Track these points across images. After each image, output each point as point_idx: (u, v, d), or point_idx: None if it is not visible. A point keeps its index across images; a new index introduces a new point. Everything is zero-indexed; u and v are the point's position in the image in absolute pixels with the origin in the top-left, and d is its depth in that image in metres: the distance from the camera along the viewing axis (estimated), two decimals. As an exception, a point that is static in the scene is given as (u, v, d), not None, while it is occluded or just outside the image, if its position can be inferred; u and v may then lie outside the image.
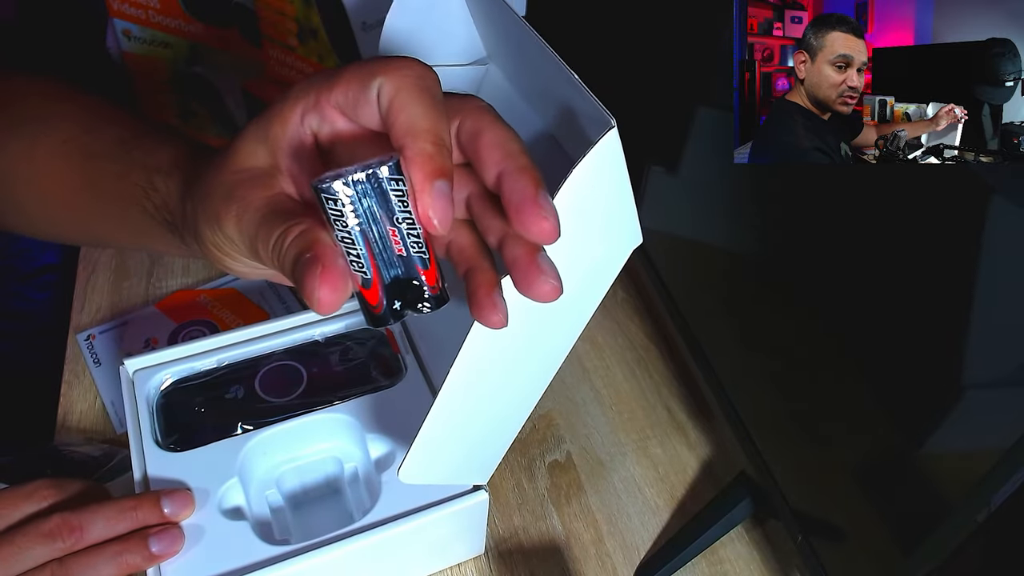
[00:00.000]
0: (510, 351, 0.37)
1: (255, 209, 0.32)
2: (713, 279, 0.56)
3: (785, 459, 0.49)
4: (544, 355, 0.40)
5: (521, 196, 0.29)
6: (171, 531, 0.43)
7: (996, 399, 0.34)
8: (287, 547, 0.43)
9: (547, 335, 0.38)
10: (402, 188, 0.28)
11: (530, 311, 0.35)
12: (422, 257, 0.30)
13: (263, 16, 0.65)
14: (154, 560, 0.43)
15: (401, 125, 0.30)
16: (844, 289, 0.42)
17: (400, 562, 0.48)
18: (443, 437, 0.40)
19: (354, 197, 0.28)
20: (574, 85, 0.32)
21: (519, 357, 0.38)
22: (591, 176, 0.31)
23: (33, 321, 0.76)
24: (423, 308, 0.30)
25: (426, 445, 0.39)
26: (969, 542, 0.35)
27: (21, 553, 0.40)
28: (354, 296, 0.30)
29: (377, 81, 0.30)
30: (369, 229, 0.28)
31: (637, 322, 0.69)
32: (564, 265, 0.33)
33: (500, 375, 0.38)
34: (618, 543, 0.54)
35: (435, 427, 0.38)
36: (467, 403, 0.39)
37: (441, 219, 0.29)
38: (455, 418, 0.39)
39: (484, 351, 0.35)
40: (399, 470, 0.40)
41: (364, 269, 0.29)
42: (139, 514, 0.43)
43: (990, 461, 0.32)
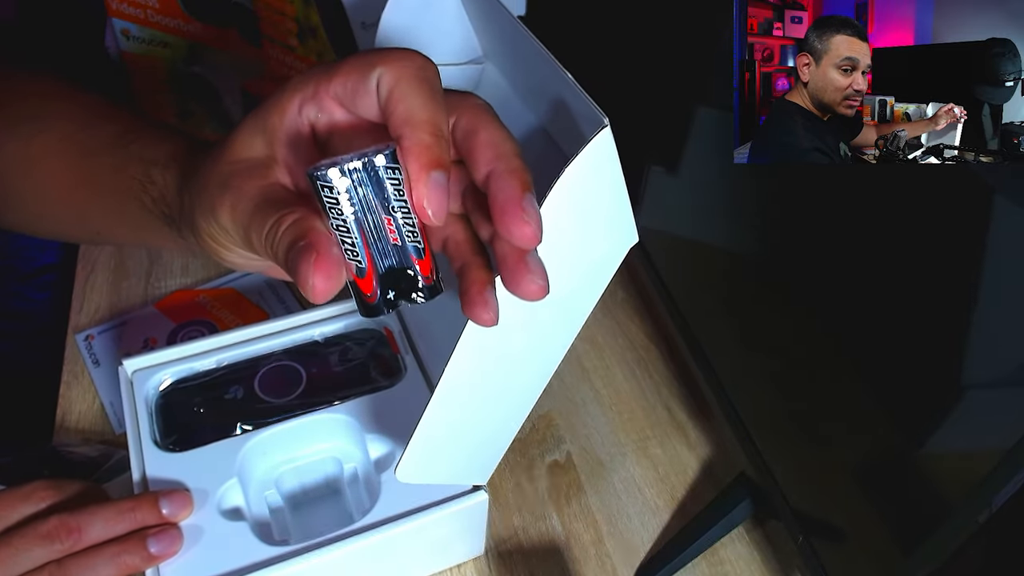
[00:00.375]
0: (506, 351, 0.37)
1: (249, 199, 0.32)
2: (713, 279, 0.56)
3: (785, 459, 0.48)
4: (541, 355, 0.40)
5: (506, 198, 0.29)
6: (169, 532, 0.43)
7: (996, 399, 0.34)
8: (286, 548, 0.43)
9: (544, 335, 0.38)
10: (398, 177, 0.28)
11: (526, 310, 0.35)
12: (417, 247, 0.30)
13: (263, 16, 0.65)
14: (153, 561, 0.42)
15: (400, 115, 0.30)
16: (844, 289, 0.42)
17: (400, 562, 0.48)
18: (439, 437, 0.40)
19: (350, 186, 0.28)
20: (568, 84, 0.32)
21: (515, 357, 0.38)
22: (584, 175, 0.31)
23: (32, 321, 0.76)
24: (417, 298, 0.30)
25: (423, 444, 0.39)
26: (970, 543, 0.35)
27: (19, 555, 0.40)
28: (348, 285, 0.30)
29: (377, 71, 0.30)
30: (364, 218, 0.28)
31: (637, 322, 0.69)
32: (559, 264, 0.33)
33: (496, 375, 0.38)
34: (618, 543, 0.54)
35: (431, 426, 0.38)
36: (463, 403, 0.39)
37: (436, 209, 0.29)
38: (451, 417, 0.39)
39: (479, 350, 0.35)
40: (396, 469, 0.40)
41: (359, 258, 0.29)
42: (138, 515, 0.43)
43: (991, 461, 0.32)
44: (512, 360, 0.38)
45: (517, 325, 0.36)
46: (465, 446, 0.43)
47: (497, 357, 0.37)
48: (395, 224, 0.29)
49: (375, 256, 0.29)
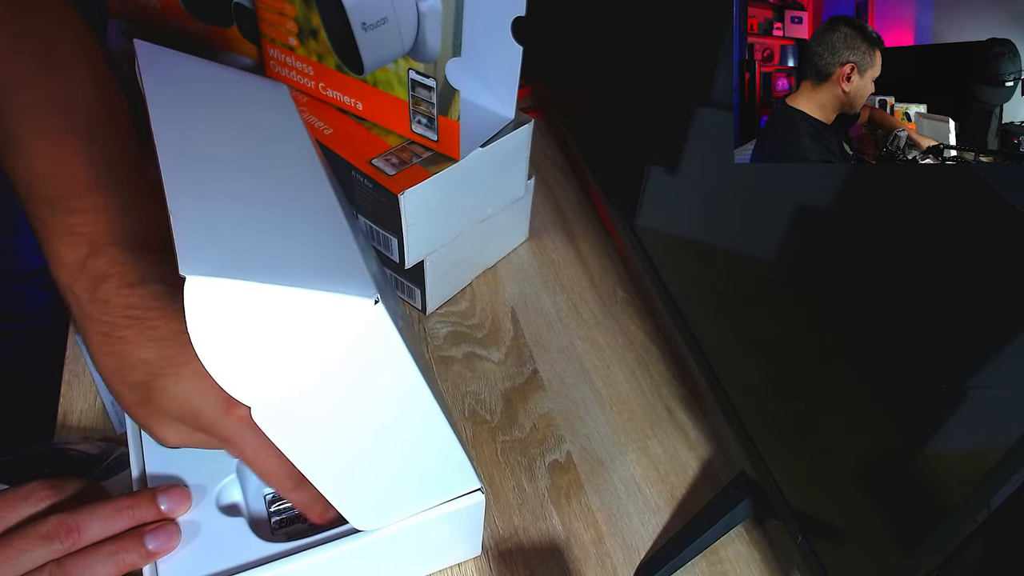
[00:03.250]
0: (346, 434, 0.38)
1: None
2: (713, 279, 0.56)
3: (785, 459, 0.49)
4: (404, 426, 0.40)
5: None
6: (167, 528, 0.43)
7: (996, 399, 0.34)
8: (284, 545, 0.43)
9: (385, 426, 0.39)
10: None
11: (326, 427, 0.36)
12: None
13: (263, 16, 0.65)
14: (151, 557, 0.43)
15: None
16: (844, 289, 0.42)
17: (397, 561, 0.48)
18: (354, 487, 0.41)
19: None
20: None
21: (366, 434, 0.39)
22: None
23: (33, 321, 0.76)
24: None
25: (344, 499, 0.41)
26: (969, 542, 0.35)
27: (20, 556, 0.40)
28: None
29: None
30: None
31: (637, 322, 0.69)
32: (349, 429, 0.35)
33: (353, 442, 0.39)
34: (618, 543, 0.54)
35: (333, 486, 0.40)
36: (344, 462, 0.39)
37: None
38: (348, 474, 0.39)
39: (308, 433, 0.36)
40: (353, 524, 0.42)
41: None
42: (136, 512, 0.43)
43: (990, 461, 0.32)
44: (363, 435, 0.38)
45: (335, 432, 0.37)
46: (392, 484, 0.43)
47: (340, 437, 0.38)
48: None
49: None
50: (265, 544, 0.44)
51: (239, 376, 0.32)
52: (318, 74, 0.65)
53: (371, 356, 0.33)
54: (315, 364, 0.32)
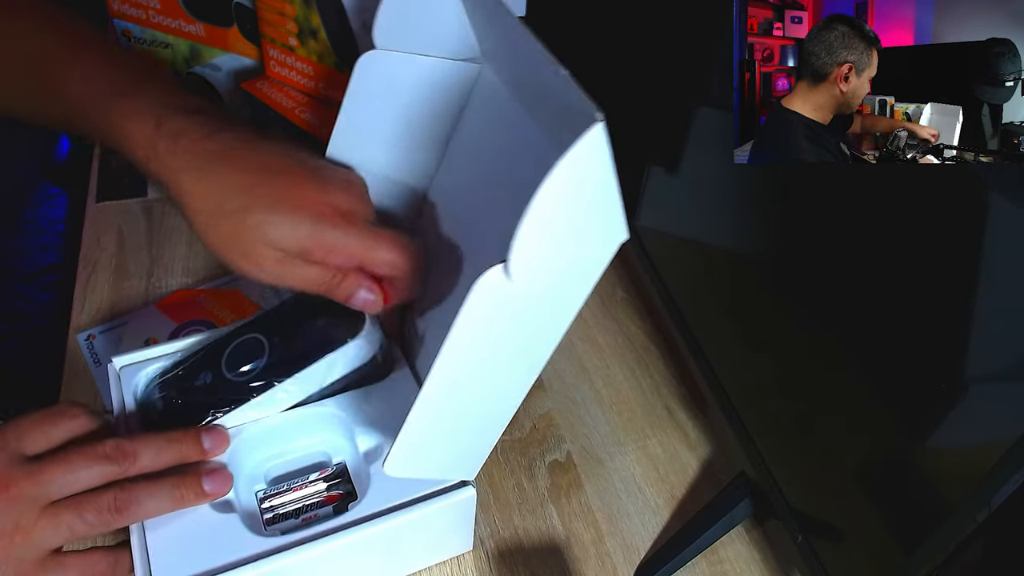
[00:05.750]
0: (495, 347, 0.37)
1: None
2: (713, 279, 0.57)
3: (785, 459, 0.49)
4: (529, 352, 0.40)
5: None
6: (223, 472, 0.45)
7: (996, 399, 0.34)
8: (277, 540, 0.44)
9: (532, 331, 0.39)
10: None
11: (515, 307, 0.35)
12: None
13: (263, 16, 0.65)
14: (205, 498, 0.44)
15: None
16: (844, 288, 0.42)
17: (388, 556, 0.48)
18: (428, 432, 0.40)
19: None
20: (564, 80, 0.33)
21: (504, 353, 0.39)
22: (575, 170, 0.31)
23: (34, 321, 0.77)
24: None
25: (411, 439, 0.40)
26: (969, 542, 0.35)
27: (78, 471, 0.42)
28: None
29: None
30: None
31: (637, 322, 0.69)
32: (548, 259, 0.33)
33: (484, 371, 0.39)
34: (618, 543, 0.54)
35: (420, 421, 0.39)
36: (451, 399, 0.39)
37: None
38: (440, 413, 0.39)
39: (468, 346, 0.36)
40: (384, 462, 0.40)
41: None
42: (183, 448, 0.45)
43: (990, 460, 0.32)
44: (500, 357, 0.39)
45: (506, 323, 0.36)
46: (453, 441, 0.43)
47: (485, 354, 0.37)
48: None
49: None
50: (259, 539, 0.44)
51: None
52: (318, 74, 0.65)
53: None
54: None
